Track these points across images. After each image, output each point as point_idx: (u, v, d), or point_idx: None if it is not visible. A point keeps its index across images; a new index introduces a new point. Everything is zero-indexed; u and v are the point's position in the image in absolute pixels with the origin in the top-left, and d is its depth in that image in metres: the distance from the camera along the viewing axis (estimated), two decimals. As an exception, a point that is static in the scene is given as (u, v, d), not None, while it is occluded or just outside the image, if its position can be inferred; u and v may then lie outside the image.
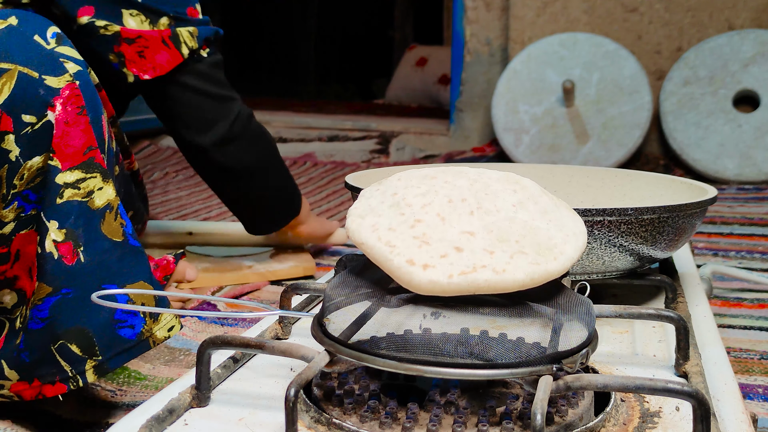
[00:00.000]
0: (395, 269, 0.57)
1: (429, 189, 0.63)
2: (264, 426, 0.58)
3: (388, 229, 0.59)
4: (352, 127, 3.28)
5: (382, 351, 0.56)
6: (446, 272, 0.55)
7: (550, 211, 0.62)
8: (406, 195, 0.62)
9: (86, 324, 0.75)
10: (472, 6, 2.91)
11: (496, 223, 0.59)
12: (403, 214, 0.61)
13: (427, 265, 0.56)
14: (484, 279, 0.55)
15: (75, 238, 0.75)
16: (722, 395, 0.64)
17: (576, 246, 0.60)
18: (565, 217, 0.62)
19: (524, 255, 0.57)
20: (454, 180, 0.64)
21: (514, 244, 0.58)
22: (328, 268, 1.52)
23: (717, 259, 1.56)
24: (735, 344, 1.10)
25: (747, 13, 2.55)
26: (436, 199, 0.61)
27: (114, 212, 0.80)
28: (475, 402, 0.58)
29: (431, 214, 0.60)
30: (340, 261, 0.93)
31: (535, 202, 0.62)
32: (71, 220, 0.76)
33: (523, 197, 0.62)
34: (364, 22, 6.49)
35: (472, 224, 0.59)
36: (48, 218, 0.75)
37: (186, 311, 0.67)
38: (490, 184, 0.63)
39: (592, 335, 0.58)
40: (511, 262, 0.56)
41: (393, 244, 0.58)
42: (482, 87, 2.96)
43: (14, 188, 0.76)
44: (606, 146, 2.57)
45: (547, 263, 0.57)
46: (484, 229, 0.59)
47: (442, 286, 0.55)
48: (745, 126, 2.46)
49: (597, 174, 1.12)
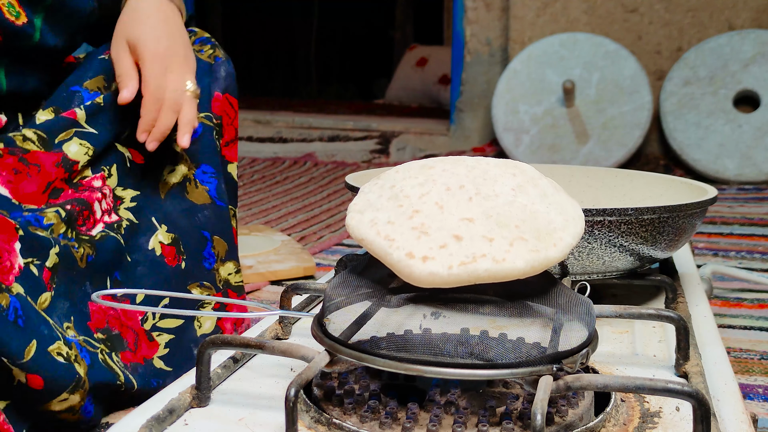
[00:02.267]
0: (395, 263, 0.57)
1: (427, 179, 0.62)
2: (264, 426, 0.58)
3: (386, 223, 0.59)
4: (353, 127, 3.28)
5: (382, 351, 0.56)
6: (446, 264, 0.55)
7: (549, 194, 0.62)
8: (404, 186, 0.62)
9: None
10: (472, 6, 2.91)
11: (495, 208, 0.58)
12: (401, 206, 0.60)
13: (427, 257, 0.55)
14: (484, 269, 0.55)
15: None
16: (722, 395, 0.64)
17: (574, 232, 0.59)
18: (564, 201, 0.62)
19: (524, 241, 0.56)
20: (452, 168, 0.63)
21: (514, 229, 0.57)
22: (328, 268, 1.52)
23: (717, 259, 1.56)
24: (735, 344, 1.10)
25: (747, 13, 2.55)
26: (434, 188, 0.61)
27: (193, 181, 0.96)
28: (475, 402, 0.58)
29: (429, 204, 0.59)
30: (341, 261, 0.93)
31: (535, 185, 0.62)
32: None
33: (522, 181, 0.62)
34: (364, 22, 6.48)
35: (471, 210, 0.58)
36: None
37: (186, 311, 0.67)
38: (489, 170, 0.63)
39: (592, 335, 0.58)
40: (511, 250, 0.56)
41: (392, 238, 0.58)
42: (482, 87, 2.96)
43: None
44: (606, 146, 2.57)
45: (547, 250, 0.56)
46: (483, 214, 0.58)
47: (442, 278, 0.55)
48: (745, 126, 2.46)
49: (597, 174, 1.12)
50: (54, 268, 0.80)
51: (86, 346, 0.81)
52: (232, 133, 1.04)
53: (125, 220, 0.92)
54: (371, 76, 6.11)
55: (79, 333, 0.82)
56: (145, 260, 0.92)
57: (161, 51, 0.90)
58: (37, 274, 0.78)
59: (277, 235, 1.72)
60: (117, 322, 0.87)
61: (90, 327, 0.83)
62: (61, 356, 0.76)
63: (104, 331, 0.85)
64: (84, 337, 0.82)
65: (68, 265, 0.83)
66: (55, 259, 0.80)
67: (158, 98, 0.89)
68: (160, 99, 0.89)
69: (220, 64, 1.03)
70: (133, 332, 0.89)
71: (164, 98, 0.89)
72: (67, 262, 0.82)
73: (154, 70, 0.89)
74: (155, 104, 0.89)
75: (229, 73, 1.03)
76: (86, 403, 0.79)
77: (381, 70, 5.90)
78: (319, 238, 1.83)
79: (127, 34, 0.90)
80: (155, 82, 0.89)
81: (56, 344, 0.76)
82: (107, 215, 0.91)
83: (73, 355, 0.78)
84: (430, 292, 0.60)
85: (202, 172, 0.99)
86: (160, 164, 0.96)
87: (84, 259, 0.85)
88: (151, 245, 0.93)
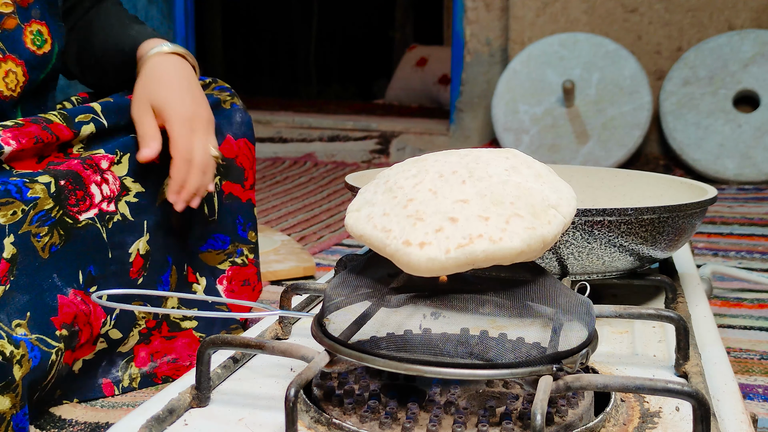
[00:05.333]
0: (393, 253, 0.56)
1: (420, 169, 0.62)
2: (264, 426, 0.58)
3: (382, 215, 0.59)
4: (353, 127, 3.28)
5: (382, 351, 0.56)
6: (443, 247, 0.55)
7: (543, 174, 0.61)
8: (398, 179, 0.62)
9: None
10: (472, 6, 2.91)
11: (490, 188, 0.58)
12: (395, 197, 0.60)
13: (424, 242, 0.55)
14: (482, 249, 0.54)
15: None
16: (722, 395, 0.64)
17: (568, 211, 0.59)
18: (557, 181, 0.62)
19: (520, 218, 0.56)
20: (444, 157, 0.63)
21: (509, 206, 0.57)
22: (328, 268, 1.52)
23: (717, 259, 1.56)
24: (735, 344, 1.10)
25: (747, 13, 2.55)
26: (427, 176, 0.61)
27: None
28: (475, 402, 0.58)
29: (423, 191, 0.59)
30: (340, 261, 0.93)
31: (529, 166, 0.62)
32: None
33: (516, 163, 0.62)
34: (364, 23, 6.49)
35: (465, 192, 0.58)
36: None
37: (186, 312, 0.67)
38: (481, 155, 0.62)
39: (592, 335, 0.58)
40: (507, 228, 0.55)
41: (388, 229, 0.58)
42: (482, 87, 2.96)
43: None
44: (606, 146, 2.57)
45: (542, 227, 0.56)
46: (477, 195, 0.58)
47: (441, 263, 0.55)
48: (745, 126, 2.46)
49: (597, 174, 1.12)
50: (12, 259, 0.78)
51: (39, 345, 0.78)
52: (251, 178, 1.06)
53: (119, 214, 0.91)
54: (371, 76, 6.11)
55: (32, 331, 0.79)
56: (119, 262, 0.91)
57: (188, 114, 0.91)
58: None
59: (276, 235, 1.72)
60: (84, 319, 0.85)
61: (54, 322, 0.81)
62: (1, 355, 0.73)
63: (68, 328, 0.82)
64: (38, 335, 0.79)
65: (29, 255, 0.80)
66: (12, 250, 0.78)
67: (188, 159, 0.91)
68: (190, 160, 0.91)
69: (235, 111, 1.04)
70: (90, 334, 0.86)
71: (193, 160, 0.91)
72: (27, 252, 0.80)
73: (182, 132, 0.91)
74: (185, 165, 0.90)
75: (245, 121, 1.05)
76: (19, 415, 0.76)
77: (381, 70, 5.90)
78: (318, 238, 1.83)
79: (151, 97, 0.91)
80: (184, 144, 0.90)
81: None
82: (106, 203, 0.89)
83: (18, 354, 0.75)
84: (431, 291, 0.60)
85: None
86: (166, 172, 0.95)
87: (47, 249, 0.82)
88: (131, 249, 0.92)
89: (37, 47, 0.90)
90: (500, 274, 0.61)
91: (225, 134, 1.02)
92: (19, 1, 0.88)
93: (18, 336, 0.77)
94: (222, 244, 1.03)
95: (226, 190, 1.02)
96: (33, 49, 0.89)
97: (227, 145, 1.02)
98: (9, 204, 0.79)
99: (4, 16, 0.87)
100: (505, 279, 0.60)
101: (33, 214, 0.81)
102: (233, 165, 1.03)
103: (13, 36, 0.87)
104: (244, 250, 1.04)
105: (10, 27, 0.87)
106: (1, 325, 0.76)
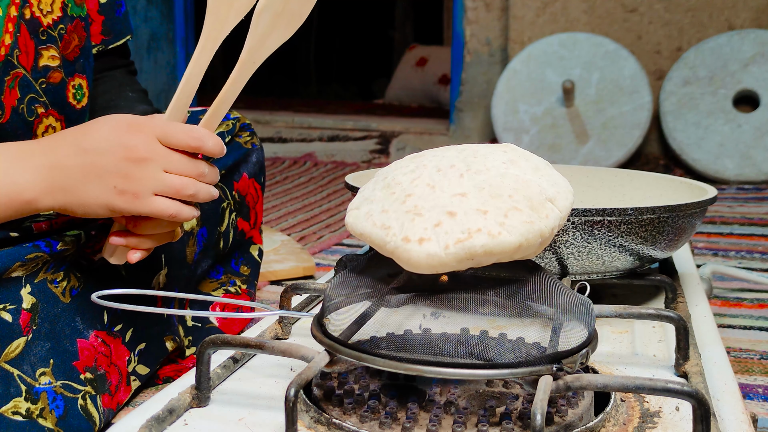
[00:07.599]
0: (393, 250, 0.56)
1: (418, 165, 0.62)
2: (264, 426, 0.58)
3: (381, 212, 0.59)
4: (353, 127, 3.28)
5: (382, 351, 0.56)
6: (442, 243, 0.55)
7: (541, 168, 0.62)
8: (396, 175, 0.62)
9: None
10: (472, 6, 2.91)
11: (488, 180, 0.58)
12: (393, 193, 0.60)
13: (423, 238, 0.55)
14: (481, 244, 0.54)
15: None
16: (722, 395, 0.64)
17: (565, 205, 0.59)
18: (555, 175, 0.62)
19: (518, 211, 0.56)
20: (441, 153, 0.63)
21: (507, 199, 0.57)
22: (328, 268, 1.52)
23: (717, 259, 1.56)
24: (735, 344, 1.10)
25: (747, 13, 2.55)
26: (425, 171, 0.61)
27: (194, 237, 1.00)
28: (475, 402, 0.58)
29: (421, 186, 0.59)
30: (340, 261, 0.93)
31: (527, 159, 0.62)
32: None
33: (514, 156, 0.62)
34: (364, 22, 6.48)
35: (463, 186, 0.58)
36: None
37: (186, 312, 0.67)
38: (479, 149, 0.63)
39: (592, 335, 0.58)
40: (506, 222, 0.55)
41: (387, 226, 0.57)
42: (482, 87, 2.96)
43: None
44: (606, 146, 2.57)
45: (540, 221, 0.56)
46: (475, 188, 0.58)
47: (440, 259, 0.55)
48: (744, 126, 2.46)
49: (597, 174, 1.12)
50: (33, 308, 0.76)
51: (63, 392, 0.76)
52: (254, 218, 1.09)
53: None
54: (371, 76, 6.10)
55: (57, 377, 0.77)
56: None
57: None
58: (11, 320, 0.74)
59: (276, 235, 1.72)
60: (106, 360, 0.82)
61: (77, 367, 0.79)
62: (19, 414, 0.72)
63: (92, 371, 0.80)
64: (63, 381, 0.77)
65: (50, 302, 0.78)
66: (31, 299, 0.76)
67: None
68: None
69: (253, 152, 1.08)
70: (119, 374, 0.84)
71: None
72: (47, 299, 0.77)
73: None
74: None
75: (259, 161, 1.09)
76: None
77: (381, 70, 5.90)
78: (318, 238, 1.83)
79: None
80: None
81: (12, 403, 0.72)
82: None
83: (38, 409, 0.73)
84: (431, 291, 0.60)
85: (201, 234, 1.01)
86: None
87: (67, 293, 0.80)
88: (153, 282, 0.91)
89: (77, 101, 0.87)
90: (500, 274, 0.61)
91: (242, 173, 1.06)
92: (67, 55, 0.84)
93: (41, 386, 0.75)
94: (216, 273, 1.06)
95: (239, 226, 1.06)
96: (74, 103, 0.86)
97: (243, 183, 1.05)
98: (36, 259, 0.77)
99: (51, 69, 0.83)
100: (505, 279, 0.60)
101: (50, 262, 0.78)
102: (244, 202, 1.06)
103: (56, 90, 0.84)
104: (237, 281, 1.07)
105: (56, 81, 0.83)
106: (24, 378, 0.74)
